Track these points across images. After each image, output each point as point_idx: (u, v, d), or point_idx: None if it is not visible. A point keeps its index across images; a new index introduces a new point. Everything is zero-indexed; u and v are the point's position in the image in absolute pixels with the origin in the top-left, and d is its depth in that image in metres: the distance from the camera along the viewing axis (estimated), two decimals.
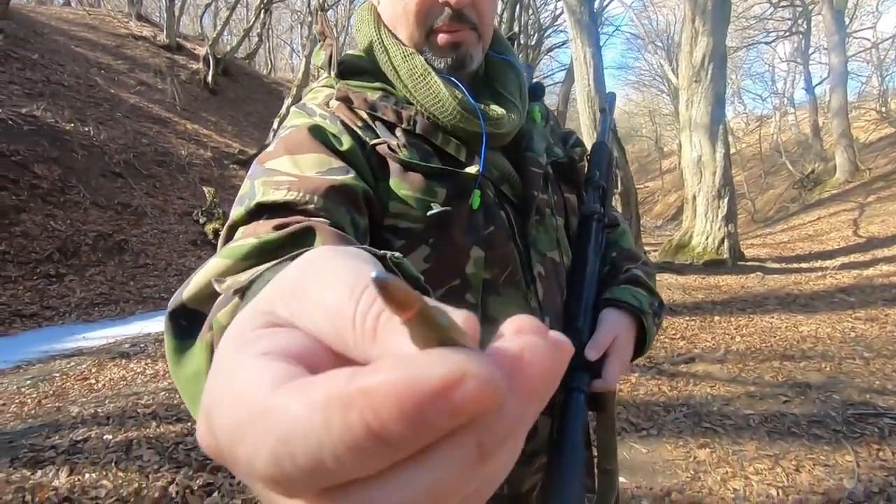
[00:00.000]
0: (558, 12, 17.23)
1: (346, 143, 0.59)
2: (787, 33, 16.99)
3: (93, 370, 3.60)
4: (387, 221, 0.61)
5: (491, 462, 0.15)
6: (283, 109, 10.80)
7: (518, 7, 14.58)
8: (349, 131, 0.61)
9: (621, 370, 0.68)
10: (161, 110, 10.47)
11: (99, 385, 3.34)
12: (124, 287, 5.86)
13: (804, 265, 6.71)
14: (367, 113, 0.63)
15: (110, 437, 2.30)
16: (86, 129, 7.94)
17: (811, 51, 17.66)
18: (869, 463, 2.14)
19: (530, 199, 0.68)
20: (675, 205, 19.11)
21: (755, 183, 17.31)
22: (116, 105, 9.41)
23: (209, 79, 12.88)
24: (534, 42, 17.92)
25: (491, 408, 0.14)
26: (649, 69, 27.11)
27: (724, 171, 7.01)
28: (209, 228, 7.53)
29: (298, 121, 0.62)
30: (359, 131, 0.62)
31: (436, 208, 0.60)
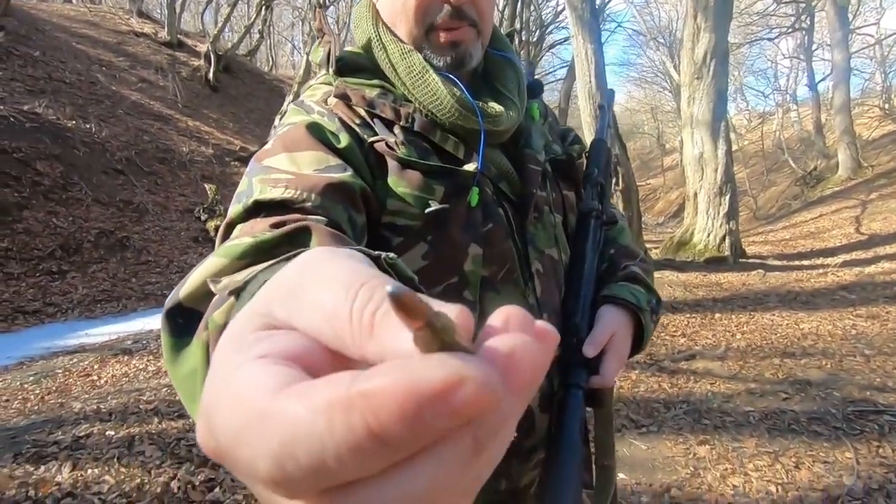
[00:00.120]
0: (560, 8, 17.16)
1: (343, 140, 0.59)
2: (790, 29, 16.90)
3: (95, 366, 3.62)
4: (385, 219, 0.60)
5: (485, 454, 0.16)
6: (285, 106, 10.76)
7: (519, 3, 14.52)
8: (347, 129, 0.61)
9: (619, 367, 0.68)
10: (162, 107, 10.46)
11: (101, 381, 3.35)
12: (126, 284, 5.88)
13: (806, 262, 6.70)
14: (365, 110, 0.63)
15: (113, 432, 2.31)
16: (87, 126, 7.94)
17: (814, 47, 17.60)
18: (868, 460, 2.14)
19: (529, 196, 0.68)
20: (677, 202, 19.07)
21: (757, 180, 17.27)
22: (118, 102, 9.40)
23: (210, 76, 12.85)
24: (535, 38, 17.83)
25: (489, 409, 0.15)
26: (651, 66, 26.99)
27: (725, 167, 6.99)
28: (210, 225, 7.53)
29: (296, 118, 0.62)
30: (357, 129, 0.61)
31: (434, 206, 0.60)
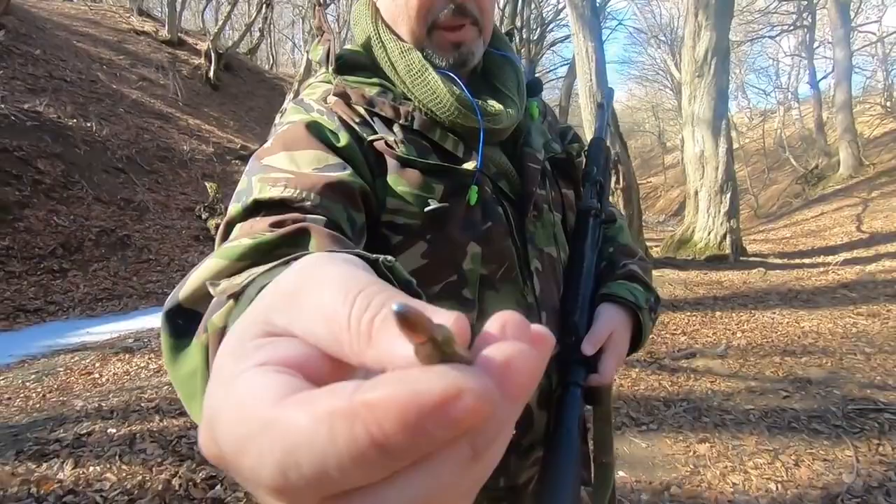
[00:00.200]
0: (561, 6, 17.11)
1: (343, 139, 0.59)
2: (792, 27, 16.86)
3: (96, 365, 3.62)
4: (384, 217, 0.60)
5: (483, 459, 0.16)
6: (285, 104, 10.75)
7: (520, 1, 14.49)
8: (346, 127, 0.61)
9: (617, 365, 0.69)
10: (163, 106, 10.46)
11: (103, 379, 3.36)
12: (127, 282, 5.88)
13: (806, 261, 6.69)
14: (364, 108, 0.63)
15: (114, 430, 2.31)
16: (88, 124, 7.94)
17: (815, 45, 17.55)
18: (868, 458, 2.14)
19: (528, 194, 0.68)
20: (678, 200, 19.06)
21: (758, 178, 17.25)
22: (118, 100, 9.40)
23: (211, 74, 12.84)
24: (536, 37, 17.80)
25: (486, 419, 0.15)
26: (652, 64, 26.99)
27: (726, 166, 6.98)
28: (211, 224, 7.53)
29: (296, 117, 0.62)
30: (356, 127, 0.61)
31: (433, 204, 0.60)
